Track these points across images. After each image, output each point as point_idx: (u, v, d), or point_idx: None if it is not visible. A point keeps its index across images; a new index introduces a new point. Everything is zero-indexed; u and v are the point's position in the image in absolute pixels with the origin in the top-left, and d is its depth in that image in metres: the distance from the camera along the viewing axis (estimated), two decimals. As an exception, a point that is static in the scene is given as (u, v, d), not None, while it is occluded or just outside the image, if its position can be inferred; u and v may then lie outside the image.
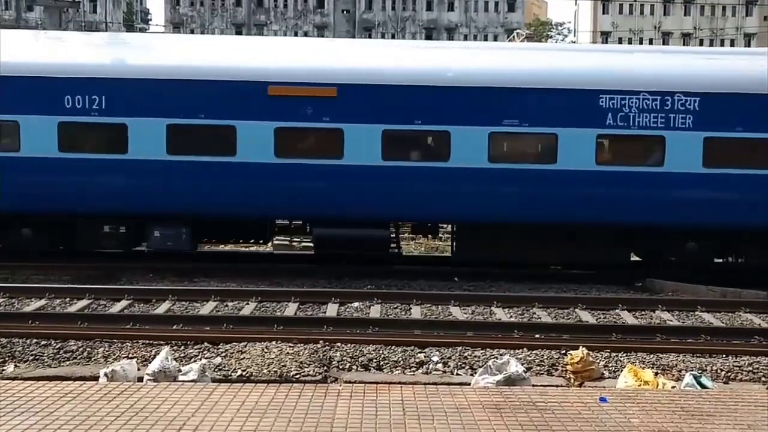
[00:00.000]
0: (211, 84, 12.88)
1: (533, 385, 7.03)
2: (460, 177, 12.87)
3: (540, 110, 12.82)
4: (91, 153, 13.01)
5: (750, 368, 8.22)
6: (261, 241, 14.78)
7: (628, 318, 10.66)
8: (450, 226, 14.59)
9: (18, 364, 8.03)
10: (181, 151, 12.90)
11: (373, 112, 12.84)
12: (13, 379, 7.03)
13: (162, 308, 10.70)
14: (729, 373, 8.09)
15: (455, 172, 12.86)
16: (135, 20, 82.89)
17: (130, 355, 8.16)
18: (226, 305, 10.90)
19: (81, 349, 8.42)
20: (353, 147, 12.82)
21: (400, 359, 8.29)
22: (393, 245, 14.09)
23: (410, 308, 10.91)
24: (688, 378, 7.33)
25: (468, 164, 12.85)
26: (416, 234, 16.33)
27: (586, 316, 10.65)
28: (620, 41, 71.83)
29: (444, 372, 8.07)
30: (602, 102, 12.72)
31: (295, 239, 15.16)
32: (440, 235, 16.26)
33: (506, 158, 13.14)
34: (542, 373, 8.04)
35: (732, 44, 72.92)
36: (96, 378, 7.13)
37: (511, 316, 10.61)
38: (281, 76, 12.95)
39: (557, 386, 7.41)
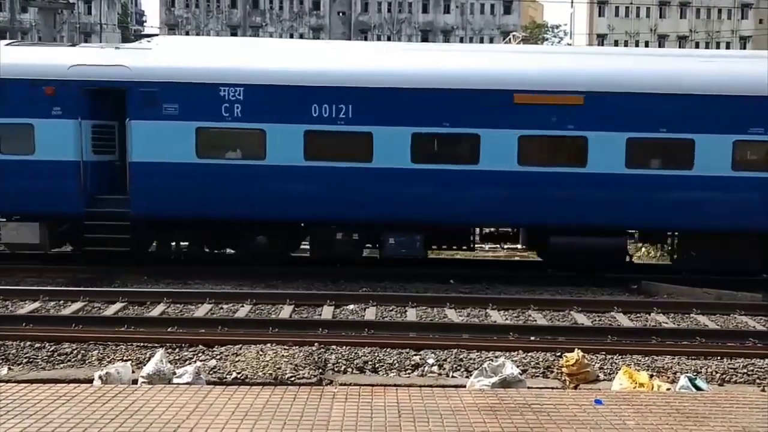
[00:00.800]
0: (458, 93, 12.82)
1: (528, 388, 7.04)
2: (703, 185, 12.88)
3: None
4: (336, 162, 12.95)
5: (745, 370, 8.25)
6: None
7: (623, 320, 10.68)
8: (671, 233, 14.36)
9: (12, 367, 8.01)
10: (424, 160, 12.91)
11: (618, 120, 12.83)
12: (7, 381, 7.01)
13: (156, 311, 10.67)
14: (724, 375, 8.11)
15: (699, 180, 12.88)
16: (130, 22, 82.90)
17: (125, 358, 8.14)
18: (221, 308, 10.88)
19: (75, 352, 8.40)
20: (597, 155, 12.83)
21: (395, 362, 8.30)
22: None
23: (406, 311, 10.90)
24: (683, 380, 7.34)
25: (712, 173, 12.86)
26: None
27: (582, 319, 10.66)
28: (616, 44, 72.00)
29: (439, 374, 8.07)
30: None
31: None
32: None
33: (750, 166, 13.03)
34: (538, 376, 8.05)
35: (728, 47, 73.19)
36: (90, 380, 7.11)
37: (506, 319, 10.61)
38: (528, 84, 12.94)
39: (552, 388, 7.42)
